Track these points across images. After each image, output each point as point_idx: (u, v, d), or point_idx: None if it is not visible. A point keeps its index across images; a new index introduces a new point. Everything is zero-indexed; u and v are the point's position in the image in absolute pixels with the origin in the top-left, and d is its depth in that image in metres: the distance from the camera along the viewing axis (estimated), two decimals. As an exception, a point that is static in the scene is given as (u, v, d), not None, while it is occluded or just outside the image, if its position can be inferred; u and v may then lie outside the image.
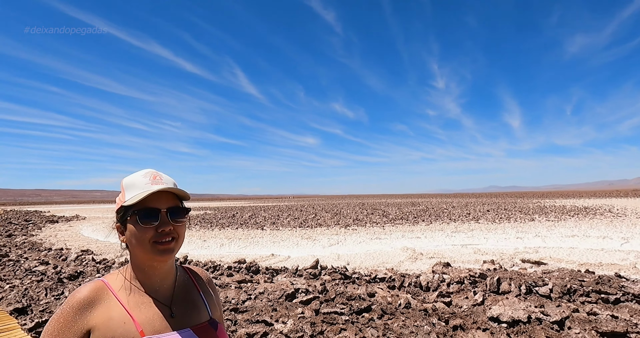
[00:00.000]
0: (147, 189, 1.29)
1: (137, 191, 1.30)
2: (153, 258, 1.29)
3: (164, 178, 1.36)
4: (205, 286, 1.50)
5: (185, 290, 1.42)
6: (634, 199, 61.24)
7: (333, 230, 21.99)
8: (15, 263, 11.51)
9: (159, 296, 1.33)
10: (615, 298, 6.43)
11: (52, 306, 6.81)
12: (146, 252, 1.28)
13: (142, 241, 1.27)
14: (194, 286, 1.46)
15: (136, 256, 1.31)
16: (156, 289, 1.34)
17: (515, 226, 21.74)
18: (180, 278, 1.44)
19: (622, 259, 11.56)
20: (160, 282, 1.35)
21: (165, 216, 1.29)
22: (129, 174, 1.39)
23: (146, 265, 1.31)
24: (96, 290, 1.27)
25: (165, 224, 1.28)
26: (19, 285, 8.53)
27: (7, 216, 40.44)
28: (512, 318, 5.53)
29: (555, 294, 6.85)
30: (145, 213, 1.27)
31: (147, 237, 1.26)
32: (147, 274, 1.33)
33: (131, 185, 1.32)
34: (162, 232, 1.27)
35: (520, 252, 13.26)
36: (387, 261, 11.94)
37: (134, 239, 1.28)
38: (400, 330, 5.36)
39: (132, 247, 1.31)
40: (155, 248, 1.27)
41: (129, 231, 1.29)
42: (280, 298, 7.19)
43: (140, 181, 1.32)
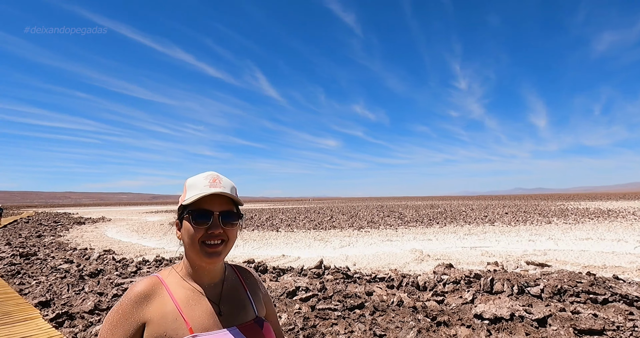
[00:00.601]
0: (205, 191, 1.32)
1: (196, 191, 1.33)
2: (201, 259, 1.32)
3: (223, 182, 1.39)
4: (253, 286, 1.53)
5: (234, 289, 1.45)
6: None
7: (346, 232, 22.33)
8: (43, 262, 12.32)
9: (208, 294, 1.37)
10: (603, 299, 6.59)
11: (72, 300, 7.42)
12: (195, 251, 1.32)
13: (192, 240, 1.31)
14: (242, 285, 1.49)
15: (188, 254, 1.35)
16: (206, 287, 1.38)
17: (529, 229, 21.59)
18: (229, 277, 1.48)
19: (630, 262, 11.51)
20: (209, 280, 1.39)
21: (216, 218, 1.32)
22: (190, 175, 1.44)
23: (196, 263, 1.35)
24: (152, 285, 1.33)
25: (216, 226, 1.31)
26: (44, 281, 9.23)
27: (38, 218, 42.32)
28: (494, 316, 5.79)
29: (546, 294, 7.05)
30: (199, 213, 1.31)
31: (197, 236, 1.30)
32: (197, 272, 1.37)
33: (192, 185, 1.36)
34: (212, 234, 1.31)
35: (528, 254, 13.32)
36: (392, 263, 12.23)
37: (186, 237, 1.32)
38: (387, 324, 5.70)
39: (184, 244, 1.35)
40: (203, 249, 1.31)
41: (183, 228, 1.34)
42: (282, 296, 7.61)
43: (200, 182, 1.35)
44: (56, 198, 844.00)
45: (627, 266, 10.67)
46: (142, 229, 28.52)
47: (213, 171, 1.42)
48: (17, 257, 13.17)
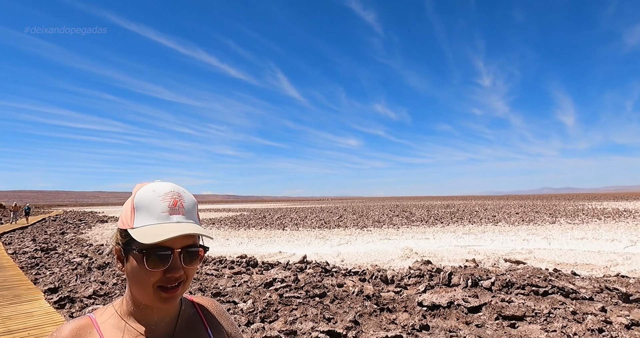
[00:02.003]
0: (164, 221, 1.02)
1: (151, 220, 1.02)
2: (152, 303, 1.04)
3: (186, 203, 1.07)
4: (215, 321, 1.24)
5: (190, 327, 1.16)
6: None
7: (349, 230, 23.09)
8: (60, 256, 13.60)
9: (156, 336, 1.09)
10: (544, 291, 7.20)
11: (77, 288, 8.49)
12: (146, 296, 1.03)
13: (144, 284, 1.01)
14: (201, 321, 1.20)
15: (134, 292, 1.06)
16: (153, 328, 1.10)
17: (530, 229, 21.84)
18: (185, 313, 1.18)
19: (608, 260, 11.90)
20: (159, 320, 1.11)
21: (177, 258, 1.02)
22: (141, 182, 1.12)
23: (143, 304, 1.06)
24: (79, 329, 1.05)
25: (176, 269, 1.01)
26: (57, 272, 10.39)
27: (65, 217, 44.68)
28: (433, 304, 6.51)
29: (495, 287, 7.69)
30: (155, 254, 0.99)
31: (151, 281, 1.01)
32: (143, 311, 1.08)
33: (145, 208, 1.03)
34: (171, 278, 1.01)
35: (513, 253, 13.80)
36: (378, 259, 12.95)
37: (134, 278, 1.02)
38: (337, 310, 6.50)
39: (130, 282, 1.05)
40: (158, 294, 1.02)
41: (130, 265, 1.03)
42: (259, 286, 8.49)
43: (156, 205, 1.03)
44: (86, 197, 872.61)
45: (597, 263, 11.10)
46: (158, 227, 30.01)
47: (170, 183, 1.09)
48: (39, 251, 14.52)
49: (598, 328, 5.21)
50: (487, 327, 5.52)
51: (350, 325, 5.60)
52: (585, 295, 6.83)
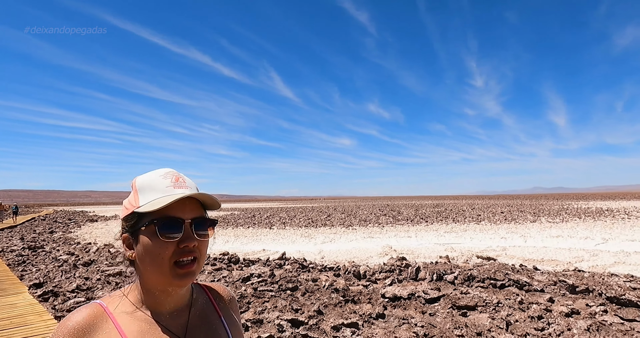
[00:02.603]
0: (170, 193, 1.01)
1: (157, 194, 1.01)
2: (170, 282, 1.00)
3: (187, 181, 1.08)
4: (228, 309, 1.20)
5: (203, 315, 1.13)
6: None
7: (334, 229, 23.56)
8: (47, 254, 13.90)
9: (170, 324, 1.04)
10: (501, 284, 7.70)
11: (61, 283, 8.84)
12: (162, 274, 0.98)
13: (159, 260, 0.97)
14: (214, 310, 1.16)
15: (147, 276, 1.02)
16: (167, 316, 1.05)
17: (510, 227, 22.46)
18: (198, 300, 1.15)
19: (575, 256, 12.47)
20: (172, 307, 1.07)
21: (189, 228, 1.00)
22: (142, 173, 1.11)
23: (158, 288, 1.03)
24: (93, 317, 0.99)
25: (190, 238, 0.99)
26: (43, 269, 10.73)
27: (55, 216, 44.68)
28: (394, 295, 6.98)
29: (458, 281, 8.18)
30: (167, 223, 0.98)
31: (167, 254, 0.97)
32: (157, 298, 1.04)
33: (148, 187, 1.03)
34: (185, 248, 0.98)
35: (487, 250, 14.34)
36: (357, 256, 13.42)
37: (148, 256, 0.98)
38: (305, 301, 6.95)
39: (143, 265, 1.01)
40: (174, 271, 0.98)
41: (142, 245, 0.99)
42: (237, 281, 8.91)
43: (159, 182, 1.03)
44: (77, 197, 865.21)
45: (563, 259, 11.66)
46: (148, 226, 30.29)
47: (168, 168, 1.11)
48: (26, 250, 14.81)
49: (538, 315, 5.71)
50: (439, 315, 6.00)
51: (314, 314, 6.05)
52: (538, 287, 7.34)
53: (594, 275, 8.49)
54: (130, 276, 1.11)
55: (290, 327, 5.45)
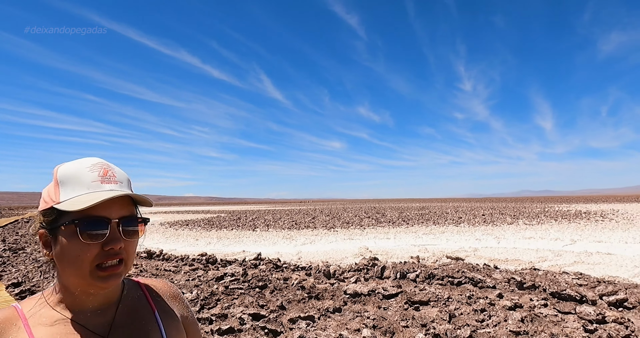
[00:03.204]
0: (96, 189, 0.91)
1: (80, 190, 0.91)
2: (90, 285, 0.93)
3: (118, 174, 0.98)
4: (165, 304, 1.11)
5: (133, 312, 1.04)
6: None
7: (316, 231, 23.98)
8: (28, 255, 14.08)
9: (92, 323, 0.97)
10: (458, 281, 8.19)
11: (39, 282, 9.11)
12: (83, 277, 0.91)
13: (79, 262, 0.90)
14: (148, 305, 1.07)
15: (66, 277, 0.95)
16: (89, 315, 0.98)
17: (486, 229, 23.11)
18: (128, 297, 1.06)
19: (540, 256, 13.08)
20: (96, 306, 0.99)
21: (116, 229, 0.92)
22: (68, 161, 0.99)
23: (78, 289, 0.95)
24: (2, 322, 0.93)
25: (116, 240, 0.91)
26: (23, 270, 10.96)
27: (39, 218, 44.41)
28: (355, 292, 7.43)
29: (419, 278, 8.66)
30: (90, 223, 0.89)
31: (88, 257, 0.90)
32: (77, 298, 0.96)
33: (71, 180, 0.92)
34: (110, 251, 0.91)
35: (458, 250, 14.89)
36: (333, 257, 13.86)
37: (67, 257, 0.91)
38: (271, 298, 7.36)
39: (61, 266, 0.94)
40: (95, 274, 0.91)
41: (60, 245, 0.92)
42: (210, 280, 9.27)
43: (85, 176, 0.93)
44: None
45: (527, 259, 12.25)
46: (132, 228, 30.39)
47: (96, 157, 1.01)
48: (7, 251, 14.96)
49: (481, 308, 6.20)
50: (392, 309, 6.45)
51: (276, 309, 6.47)
52: (490, 284, 7.85)
53: (547, 273, 9.04)
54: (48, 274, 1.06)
55: (251, 320, 5.85)
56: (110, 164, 1.01)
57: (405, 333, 5.29)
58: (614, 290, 6.86)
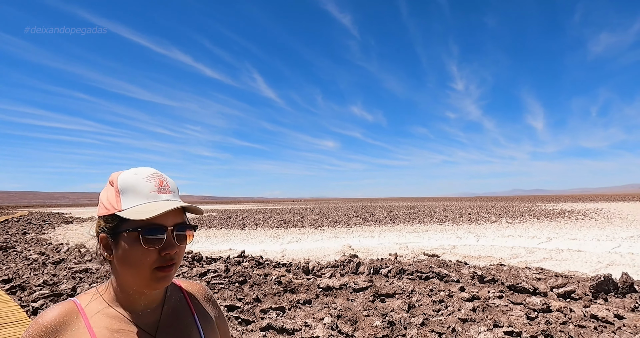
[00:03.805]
0: (154, 199, 1.01)
1: (140, 200, 1.00)
2: (147, 285, 1.01)
3: (171, 184, 1.07)
4: (202, 307, 1.20)
5: (176, 314, 1.12)
6: (631, 203, 61.48)
7: (303, 230, 24.49)
8: (18, 253, 14.44)
9: (142, 322, 1.05)
10: (426, 276, 8.74)
11: (30, 279, 9.52)
12: (142, 278, 1.00)
13: (141, 266, 0.98)
14: (188, 308, 1.16)
15: (125, 278, 1.02)
16: (139, 314, 1.06)
17: (469, 228, 23.77)
18: (171, 299, 1.15)
19: (512, 253, 13.69)
20: (145, 306, 1.07)
21: (171, 235, 1.01)
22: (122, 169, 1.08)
23: (133, 288, 1.03)
24: (65, 315, 0.99)
25: (171, 246, 1.00)
26: (13, 267, 11.35)
27: (29, 217, 44.40)
28: (328, 286, 7.95)
29: (391, 274, 9.20)
30: (151, 230, 0.98)
31: (149, 261, 0.98)
32: (131, 297, 1.04)
33: (131, 189, 1.01)
34: (166, 256, 0.99)
35: (437, 248, 15.47)
36: (316, 255, 14.37)
37: (129, 261, 0.99)
38: (248, 292, 7.85)
39: (122, 268, 1.01)
40: (154, 276, 0.99)
41: (122, 249, 0.99)
42: (194, 276, 9.74)
43: (143, 185, 1.02)
44: (54, 198, 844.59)
45: (499, 256, 12.85)
46: (123, 227, 30.71)
47: (149, 167, 1.09)
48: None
49: (440, 300, 6.74)
50: (358, 301, 6.98)
51: (251, 301, 6.96)
52: (455, 278, 8.40)
53: (511, 268, 9.63)
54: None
55: (227, 311, 6.34)
56: (163, 174, 1.09)
57: (366, 321, 5.82)
58: (564, 282, 7.45)
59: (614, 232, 20.04)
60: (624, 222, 25.54)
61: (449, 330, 5.29)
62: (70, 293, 7.76)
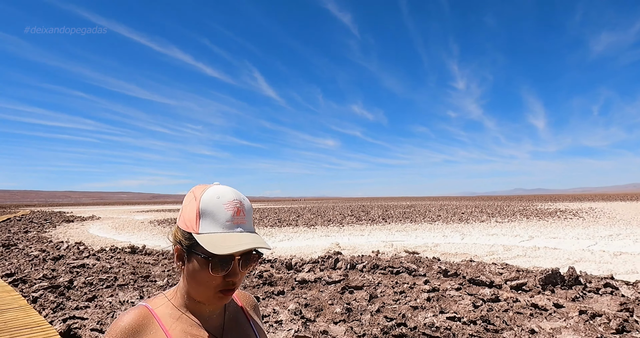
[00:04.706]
0: (229, 230, 1.06)
1: (216, 227, 1.05)
2: (209, 302, 1.10)
3: (246, 211, 1.11)
4: (254, 314, 1.30)
5: (235, 320, 1.22)
6: (628, 202, 61.98)
7: (297, 228, 25.20)
8: (20, 251, 15.17)
9: (209, 325, 1.14)
10: (396, 271, 9.43)
11: (30, 273, 10.23)
12: (205, 296, 1.08)
13: (205, 287, 1.06)
14: (244, 315, 1.26)
15: (191, 290, 1.10)
16: (206, 319, 1.14)
17: (457, 226, 24.44)
18: (230, 306, 1.24)
19: (490, 251, 14.38)
20: (210, 312, 1.16)
21: (237, 265, 1.06)
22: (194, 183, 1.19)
23: (199, 298, 1.11)
24: (141, 317, 1.09)
25: (235, 274, 1.06)
26: (15, 263, 12.07)
27: (31, 216, 45.21)
28: (304, 279, 8.65)
29: (366, 268, 9.90)
30: (220, 261, 1.04)
31: (213, 284, 1.06)
32: (197, 305, 1.13)
33: (210, 214, 1.06)
34: (230, 282, 1.06)
35: (420, 246, 16.16)
36: (303, 252, 15.07)
37: (196, 280, 1.07)
38: (230, 284, 8.57)
39: (189, 282, 1.09)
40: (216, 296, 1.08)
41: (192, 267, 1.07)
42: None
43: (221, 214, 1.06)
44: (56, 197, 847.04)
45: (475, 253, 13.54)
46: (122, 226, 31.38)
47: (229, 188, 1.12)
48: (0, 247, 16.04)
49: (401, 291, 7.44)
50: (327, 292, 7.67)
51: (231, 292, 7.67)
52: (422, 272, 9.10)
53: (479, 264, 10.32)
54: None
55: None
56: (242, 198, 1.11)
57: (329, 309, 6.51)
58: (517, 276, 8.14)
59: (596, 231, 20.69)
60: (610, 221, 26.18)
61: (399, 316, 5.98)
62: (67, 285, 8.47)
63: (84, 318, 6.18)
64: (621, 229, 21.40)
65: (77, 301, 7.31)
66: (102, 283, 8.83)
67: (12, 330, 4.93)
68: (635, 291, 7.32)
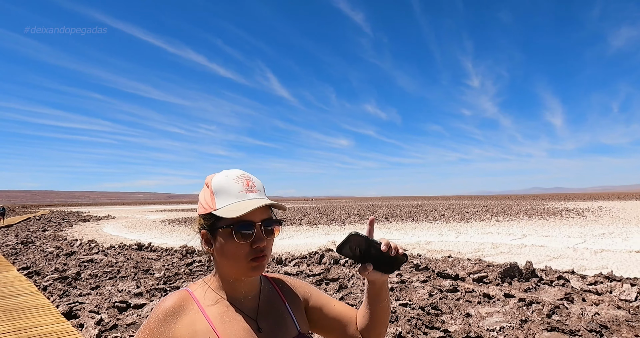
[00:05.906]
0: (243, 198, 1.13)
1: (231, 199, 1.13)
2: (244, 274, 1.14)
3: (256, 184, 1.19)
4: (290, 293, 1.33)
5: (270, 302, 1.27)
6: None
7: (299, 227, 26.06)
8: (37, 247, 16.37)
9: (244, 308, 1.20)
10: (374, 265, 10.20)
11: (44, 267, 11.28)
12: (239, 267, 1.13)
13: (237, 257, 1.11)
14: (279, 297, 1.30)
15: (225, 269, 1.16)
16: (241, 301, 1.20)
17: (456, 225, 24.98)
18: (265, 289, 1.29)
19: (477, 249, 15.02)
20: (245, 294, 1.22)
21: (259, 230, 1.13)
22: (211, 172, 1.23)
23: (233, 277, 1.17)
24: (181, 300, 1.15)
25: (261, 239, 1.12)
26: (32, 258, 13.19)
27: (50, 216, 47.09)
28: (286, 272, 9.48)
29: (348, 263, 10.66)
30: (242, 226, 1.10)
31: (243, 253, 1.11)
32: (232, 286, 1.19)
33: (222, 190, 1.15)
34: (257, 248, 1.12)
35: (411, 244, 16.86)
36: (299, 249, 15.90)
37: (226, 253, 1.12)
38: (220, 277, 9.45)
39: (222, 260, 1.15)
40: (249, 265, 1.12)
41: (219, 244, 1.13)
42: (181, 265, 11.38)
43: (232, 187, 1.15)
44: (75, 197, 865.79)
45: (461, 250, 14.19)
46: (134, 225, 32.71)
47: (237, 169, 1.22)
48: (19, 244, 17.29)
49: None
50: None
51: (217, 283, 8.55)
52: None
53: (455, 259, 10.99)
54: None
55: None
56: (249, 174, 1.20)
57: (301, 297, 7.32)
58: (480, 269, 8.83)
59: (591, 230, 21.04)
60: (610, 220, 26.37)
61: (358, 303, 6.75)
62: (74, 276, 9.46)
63: (85, 303, 7.12)
64: (616, 228, 21.69)
65: (82, 289, 8.28)
66: (106, 275, 9.81)
67: (23, 310, 5.90)
68: (584, 284, 7.96)
